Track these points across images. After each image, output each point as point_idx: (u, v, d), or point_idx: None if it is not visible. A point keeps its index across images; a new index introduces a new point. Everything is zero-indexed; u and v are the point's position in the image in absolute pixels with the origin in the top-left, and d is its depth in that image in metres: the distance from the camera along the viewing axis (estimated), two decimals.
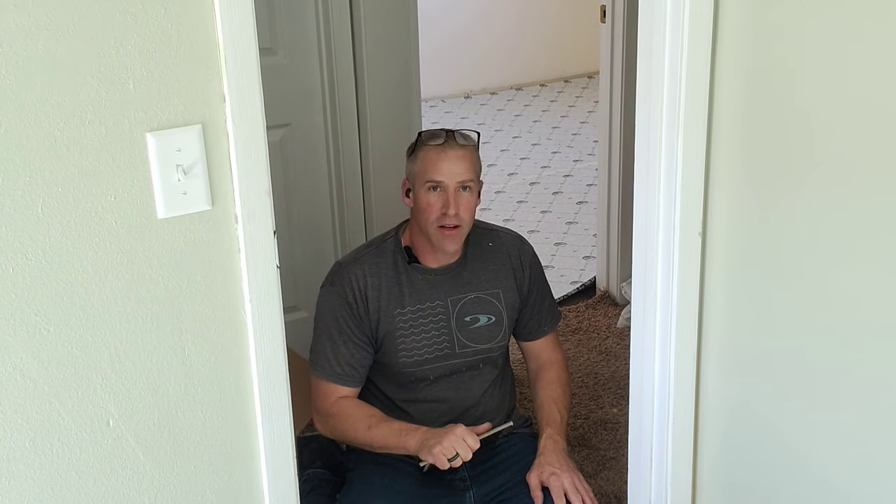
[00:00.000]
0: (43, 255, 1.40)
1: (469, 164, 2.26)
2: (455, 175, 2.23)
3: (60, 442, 1.50)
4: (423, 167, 2.26)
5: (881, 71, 1.54)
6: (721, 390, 1.99)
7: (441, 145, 2.24)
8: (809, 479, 1.86)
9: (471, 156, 2.27)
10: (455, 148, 2.25)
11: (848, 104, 1.61)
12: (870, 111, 1.57)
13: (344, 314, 2.29)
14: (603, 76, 3.86)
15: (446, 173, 2.23)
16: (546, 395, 2.43)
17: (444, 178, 2.23)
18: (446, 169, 2.23)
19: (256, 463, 1.66)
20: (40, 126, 1.35)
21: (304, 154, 3.11)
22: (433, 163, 2.24)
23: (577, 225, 4.89)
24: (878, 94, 1.55)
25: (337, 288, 2.31)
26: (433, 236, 2.27)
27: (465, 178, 2.24)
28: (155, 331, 1.52)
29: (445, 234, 2.25)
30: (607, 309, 3.91)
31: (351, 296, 2.28)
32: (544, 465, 2.24)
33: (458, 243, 2.29)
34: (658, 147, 1.85)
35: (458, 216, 2.23)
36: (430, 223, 2.25)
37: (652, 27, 1.80)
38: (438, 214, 2.24)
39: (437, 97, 7.00)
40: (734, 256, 1.89)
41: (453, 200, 2.23)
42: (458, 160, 2.24)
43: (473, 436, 2.15)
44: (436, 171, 2.24)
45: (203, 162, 1.46)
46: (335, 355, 2.29)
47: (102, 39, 1.36)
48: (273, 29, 2.93)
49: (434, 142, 2.26)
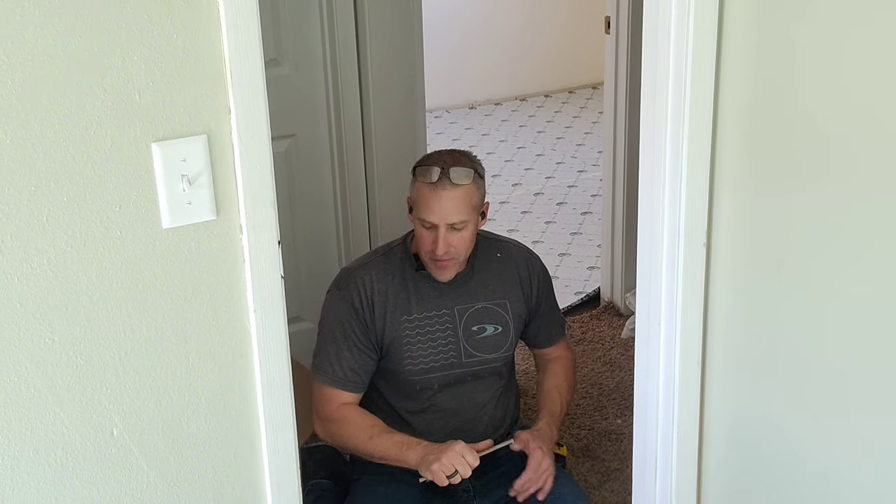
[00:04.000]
0: (48, 265, 1.41)
1: (461, 203, 2.19)
2: (445, 216, 2.18)
3: (64, 451, 1.50)
4: (417, 202, 2.22)
5: (885, 72, 1.54)
6: (726, 401, 1.99)
7: (434, 184, 2.18)
8: (817, 492, 1.85)
9: (465, 195, 2.19)
10: (448, 188, 2.17)
11: (852, 111, 1.61)
12: (874, 114, 1.57)
13: (349, 319, 2.28)
14: (607, 87, 3.87)
15: (437, 214, 2.18)
16: (551, 384, 2.47)
17: (434, 220, 2.19)
18: (437, 209, 2.18)
19: (260, 473, 1.66)
20: (46, 136, 1.36)
21: (309, 164, 3.11)
22: (425, 201, 2.19)
23: (582, 235, 4.89)
24: (882, 96, 1.55)
25: (343, 293, 2.30)
26: (428, 264, 2.28)
27: (456, 219, 2.19)
28: (159, 340, 1.52)
29: (437, 265, 2.25)
30: (611, 320, 3.91)
31: (357, 301, 2.28)
32: (537, 438, 2.26)
33: (450, 273, 2.28)
34: (662, 157, 1.85)
35: (448, 252, 2.22)
36: (423, 252, 2.26)
37: (656, 38, 1.80)
38: (430, 248, 2.22)
39: (441, 108, 7.01)
40: (739, 266, 1.88)
41: (442, 240, 2.19)
42: (449, 201, 2.18)
43: (473, 453, 2.13)
44: (427, 210, 2.19)
45: (208, 172, 1.47)
46: (339, 360, 2.28)
47: (108, 50, 1.36)
48: (278, 40, 2.94)
49: (427, 179, 2.19)
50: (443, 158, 2.24)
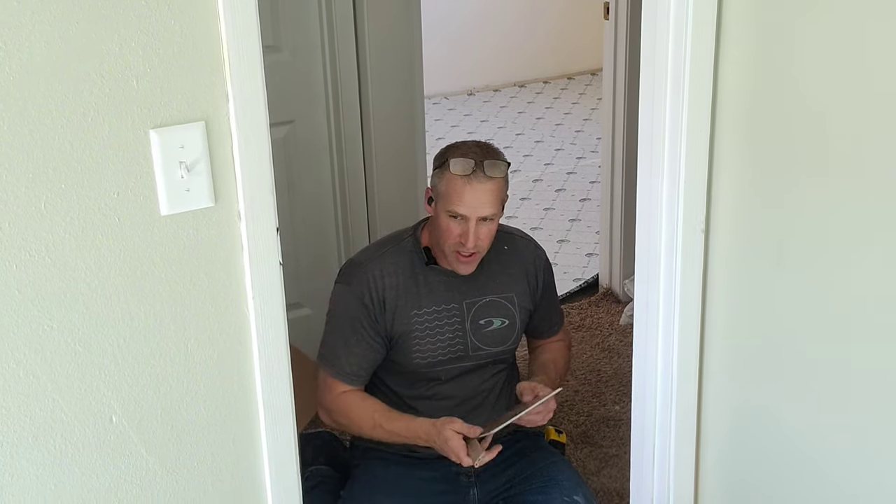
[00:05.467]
0: (46, 252, 1.41)
1: (494, 196, 2.17)
2: (478, 209, 2.16)
3: (63, 438, 1.50)
4: (447, 193, 2.18)
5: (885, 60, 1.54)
6: (724, 387, 1.99)
7: (468, 176, 2.15)
8: (814, 476, 1.86)
9: (497, 188, 2.17)
10: (482, 181, 2.14)
11: (853, 96, 1.61)
12: (875, 102, 1.57)
13: (359, 315, 2.26)
14: (606, 73, 3.86)
15: (469, 207, 2.15)
16: (546, 357, 2.47)
17: (466, 212, 2.16)
18: (469, 202, 2.15)
19: (259, 459, 1.66)
20: (44, 123, 1.35)
21: (308, 151, 3.11)
22: (457, 193, 2.16)
23: (580, 222, 4.89)
24: (881, 85, 1.55)
25: (354, 288, 2.28)
26: (449, 257, 2.25)
27: (488, 212, 2.17)
28: (158, 327, 1.52)
29: (461, 259, 2.23)
30: (610, 306, 3.91)
31: (367, 297, 2.26)
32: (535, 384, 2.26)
33: (472, 267, 2.26)
34: (661, 144, 1.85)
35: (476, 246, 2.20)
36: (447, 245, 2.22)
37: (655, 23, 1.80)
38: (456, 241, 2.20)
39: (440, 94, 7.00)
40: (737, 252, 1.88)
41: (473, 233, 2.16)
42: (483, 193, 2.15)
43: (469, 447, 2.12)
44: (459, 202, 2.16)
45: (206, 159, 1.46)
46: (347, 356, 2.27)
47: (106, 36, 1.36)
48: (276, 26, 2.93)
49: (461, 171, 2.15)
50: (473, 150, 2.21)
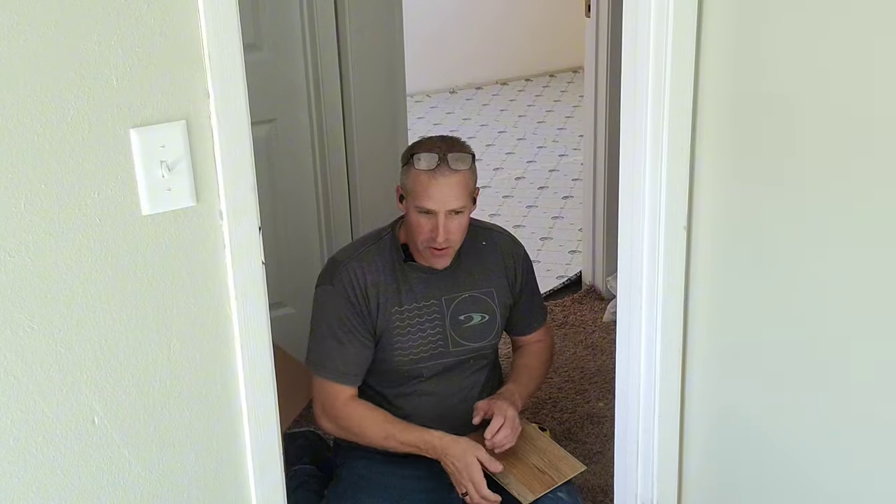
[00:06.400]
0: (26, 253, 1.40)
1: (461, 189, 2.18)
2: (446, 203, 2.17)
3: (45, 440, 1.49)
4: (414, 189, 2.19)
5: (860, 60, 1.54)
6: (707, 384, 2.00)
7: (433, 171, 2.16)
8: (794, 474, 1.86)
9: (463, 180, 2.19)
10: (447, 174, 2.16)
11: (830, 96, 1.62)
12: (851, 102, 1.58)
13: (347, 313, 2.26)
14: (588, 70, 3.86)
15: (436, 202, 2.16)
16: (521, 362, 2.49)
17: (434, 207, 2.17)
18: (437, 196, 2.16)
19: (243, 459, 1.66)
20: (22, 122, 1.34)
21: (290, 150, 3.10)
22: (423, 188, 2.17)
23: (563, 220, 4.90)
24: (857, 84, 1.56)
25: (338, 287, 2.27)
26: (423, 252, 2.25)
27: (455, 205, 2.18)
28: (140, 328, 1.51)
29: (435, 254, 2.24)
30: (593, 303, 3.92)
31: (352, 294, 2.26)
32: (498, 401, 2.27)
33: (448, 261, 2.27)
34: (643, 141, 1.86)
35: (447, 240, 2.20)
36: (420, 241, 2.23)
37: (636, 21, 1.80)
38: (428, 236, 2.20)
39: (422, 92, 6.99)
40: (719, 250, 1.89)
41: (443, 227, 2.18)
42: (449, 187, 2.17)
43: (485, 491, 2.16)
44: (426, 197, 2.17)
45: (187, 158, 1.46)
46: (342, 356, 2.27)
47: (85, 35, 1.35)
48: (257, 24, 2.92)
49: (426, 166, 2.16)
50: (437, 145, 2.22)
